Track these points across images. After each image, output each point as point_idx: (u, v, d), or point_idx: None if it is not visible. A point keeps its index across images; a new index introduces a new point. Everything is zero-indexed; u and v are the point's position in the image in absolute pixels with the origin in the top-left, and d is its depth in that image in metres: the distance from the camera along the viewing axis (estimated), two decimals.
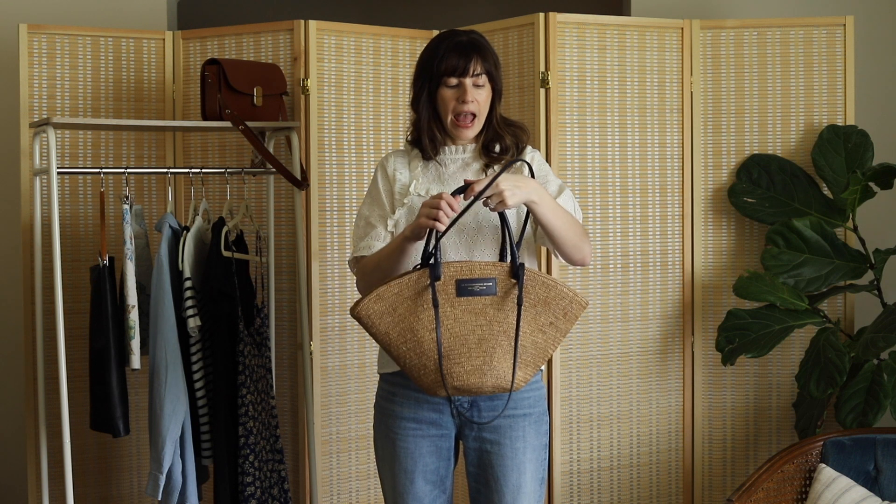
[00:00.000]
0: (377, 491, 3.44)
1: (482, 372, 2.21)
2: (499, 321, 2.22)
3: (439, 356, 2.20)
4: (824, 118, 3.48)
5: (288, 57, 3.36)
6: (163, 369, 2.97)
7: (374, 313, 2.22)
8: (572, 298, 2.27)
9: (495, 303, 2.22)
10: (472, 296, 2.22)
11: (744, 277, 3.29)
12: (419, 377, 2.25)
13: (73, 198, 3.41)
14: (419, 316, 2.21)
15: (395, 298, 2.22)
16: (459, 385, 2.22)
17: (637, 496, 3.48)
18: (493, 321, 2.22)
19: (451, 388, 2.23)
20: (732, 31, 3.49)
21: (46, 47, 3.38)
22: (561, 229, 2.30)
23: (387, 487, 2.45)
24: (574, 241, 2.33)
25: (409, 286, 2.22)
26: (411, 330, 2.22)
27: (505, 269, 2.24)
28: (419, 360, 2.22)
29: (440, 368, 2.21)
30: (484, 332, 2.22)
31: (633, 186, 3.44)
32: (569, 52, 3.36)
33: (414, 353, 2.22)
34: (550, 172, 2.47)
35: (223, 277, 3.06)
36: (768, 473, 2.92)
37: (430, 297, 2.21)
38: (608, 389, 3.43)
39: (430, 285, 2.21)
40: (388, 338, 2.23)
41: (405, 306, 2.22)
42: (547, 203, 2.27)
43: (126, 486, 3.46)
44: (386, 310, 2.22)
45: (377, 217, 2.44)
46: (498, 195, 2.19)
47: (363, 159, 3.42)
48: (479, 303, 2.22)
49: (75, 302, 3.34)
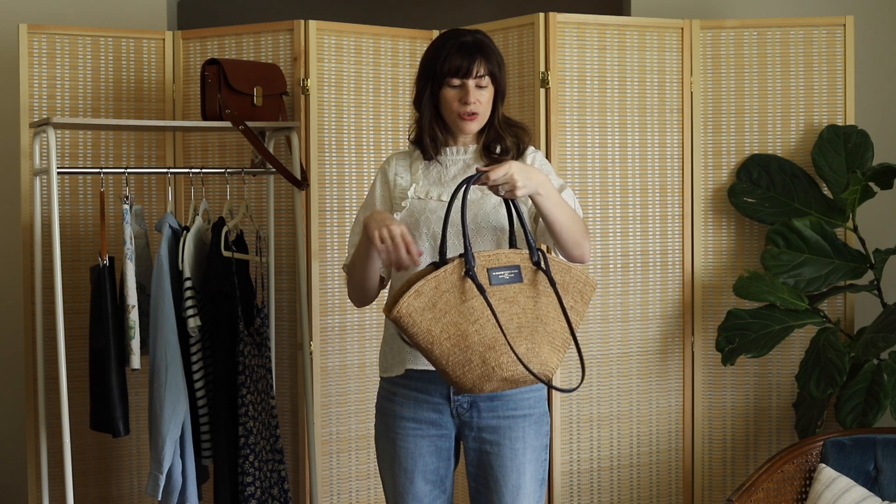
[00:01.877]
0: (377, 491, 3.44)
1: (528, 359, 2.13)
2: (532, 308, 2.17)
3: (506, 337, 2.10)
4: (824, 118, 3.48)
5: (288, 57, 3.36)
6: (163, 369, 2.97)
7: (414, 310, 2.10)
8: (586, 281, 2.26)
9: (524, 290, 2.18)
10: (503, 284, 2.16)
11: (744, 277, 3.29)
12: (462, 375, 2.13)
13: (73, 198, 3.41)
14: (460, 309, 2.12)
15: (434, 293, 2.11)
16: (508, 376, 2.13)
17: (637, 496, 3.48)
18: (527, 308, 2.16)
19: (498, 381, 2.14)
20: (732, 31, 3.49)
21: (46, 47, 3.38)
22: (563, 224, 2.29)
23: (387, 487, 2.46)
24: (576, 237, 2.32)
25: (446, 279, 2.12)
26: (454, 324, 2.11)
27: (525, 255, 2.21)
28: (464, 356, 2.11)
29: (511, 347, 2.10)
30: (521, 319, 2.15)
31: (633, 186, 3.44)
32: (569, 52, 3.36)
33: (458, 348, 2.11)
34: (552, 172, 2.47)
35: (223, 277, 3.05)
36: (768, 473, 2.92)
37: (470, 288, 2.13)
38: (608, 389, 3.44)
39: (470, 275, 2.13)
40: (431, 335, 2.11)
41: (444, 300, 2.11)
42: (552, 197, 2.26)
43: (126, 486, 3.46)
44: (426, 305, 2.10)
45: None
46: (510, 183, 2.18)
47: (363, 159, 3.42)
48: (511, 290, 2.16)
49: (75, 302, 3.34)
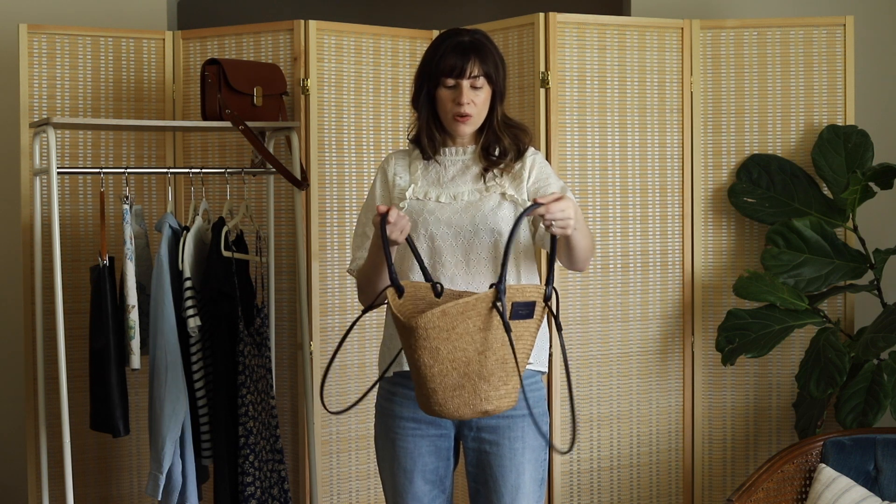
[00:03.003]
0: (377, 491, 3.44)
1: (510, 396, 2.16)
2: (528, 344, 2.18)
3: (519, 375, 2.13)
4: (824, 118, 3.48)
5: (288, 57, 3.36)
6: (163, 369, 2.97)
7: (433, 327, 2.10)
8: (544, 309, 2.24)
9: (530, 327, 2.17)
10: (518, 319, 2.15)
11: (744, 277, 3.29)
12: (448, 398, 2.14)
13: (73, 198, 3.41)
14: (475, 336, 2.11)
15: (458, 318, 2.11)
16: (491, 409, 2.15)
17: (637, 496, 3.48)
18: (527, 345, 2.17)
19: (480, 411, 2.15)
20: (732, 31, 3.49)
21: (46, 47, 3.38)
22: (583, 248, 2.32)
23: (387, 487, 2.46)
24: (588, 255, 2.36)
25: (475, 307, 2.12)
26: (462, 349, 2.11)
27: (542, 292, 2.18)
28: (458, 381, 2.13)
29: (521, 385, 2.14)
30: (520, 356, 2.15)
31: (633, 186, 3.44)
32: (569, 52, 3.36)
33: (457, 373, 2.12)
34: (552, 175, 2.46)
35: (223, 277, 3.06)
36: (768, 473, 2.92)
37: (493, 319, 2.12)
38: (608, 389, 3.43)
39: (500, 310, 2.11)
40: (438, 354, 2.11)
41: (463, 326, 2.11)
42: (583, 228, 2.28)
43: (126, 486, 3.46)
44: (445, 326, 2.11)
45: (371, 225, 2.44)
46: (565, 221, 2.17)
47: (363, 159, 3.42)
48: (521, 327, 2.15)
49: (75, 302, 3.34)
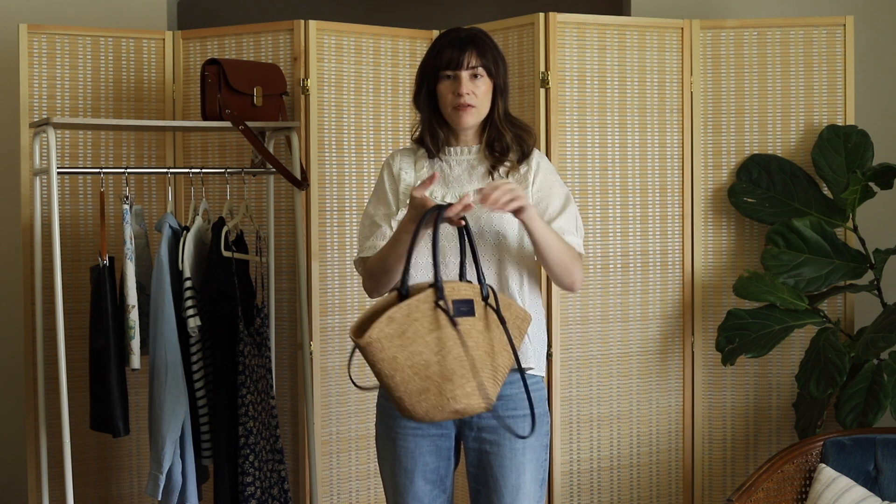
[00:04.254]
0: (377, 491, 3.44)
1: (476, 394, 2.16)
2: (483, 342, 2.19)
3: (477, 369, 2.14)
4: (824, 118, 3.48)
5: (288, 57, 3.36)
6: (163, 369, 2.97)
7: (385, 336, 2.12)
8: (524, 316, 2.27)
9: (476, 324, 2.19)
10: (461, 316, 2.17)
11: (744, 277, 3.29)
12: (416, 403, 2.16)
13: (73, 198, 3.41)
14: (427, 338, 2.14)
15: (405, 320, 2.14)
16: (461, 408, 2.16)
17: (637, 496, 3.48)
18: (479, 342, 2.18)
19: (450, 412, 2.16)
20: (732, 31, 3.49)
21: (46, 47, 3.38)
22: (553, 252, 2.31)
23: (387, 487, 2.45)
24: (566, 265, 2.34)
25: (418, 308, 2.15)
26: (419, 353, 2.14)
27: (477, 290, 2.22)
28: (422, 385, 2.14)
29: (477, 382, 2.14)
30: (475, 353, 2.17)
31: (633, 186, 3.44)
32: (569, 52, 3.36)
33: (419, 377, 2.14)
34: (557, 182, 2.46)
35: (223, 277, 3.05)
36: (768, 473, 2.92)
37: (440, 318, 2.15)
38: (608, 389, 3.43)
39: (442, 306, 2.15)
40: (396, 362, 2.13)
41: (413, 329, 2.14)
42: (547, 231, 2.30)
43: (126, 486, 3.46)
44: (396, 332, 2.13)
45: (382, 216, 2.43)
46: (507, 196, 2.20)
47: (363, 159, 3.42)
48: (467, 323, 2.18)
49: (75, 302, 3.34)
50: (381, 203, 2.46)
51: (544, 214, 2.38)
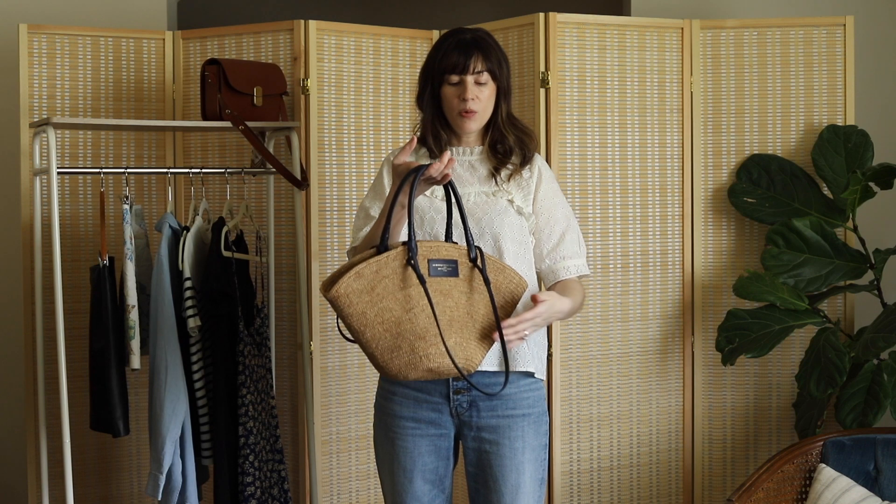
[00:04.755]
0: (377, 491, 3.44)
1: (455, 353, 2.16)
2: (465, 303, 2.19)
3: (439, 329, 2.13)
4: (824, 118, 3.48)
5: (288, 57, 3.36)
6: (163, 369, 2.97)
7: (352, 291, 2.12)
8: (518, 282, 2.27)
9: (459, 285, 2.19)
10: (439, 276, 2.18)
11: (744, 277, 3.29)
12: (388, 361, 2.16)
13: (73, 198, 3.41)
14: (397, 295, 2.15)
15: (374, 277, 2.14)
16: (434, 367, 2.15)
17: (637, 496, 3.48)
18: (459, 303, 2.19)
19: (423, 370, 2.16)
20: (732, 31, 3.49)
21: (46, 47, 3.38)
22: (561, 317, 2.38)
23: (386, 487, 2.45)
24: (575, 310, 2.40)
25: (388, 264, 2.15)
26: (389, 309, 2.14)
27: (463, 251, 2.22)
28: (394, 342, 2.14)
29: (442, 341, 2.13)
30: (454, 313, 2.18)
31: (633, 186, 3.44)
32: (569, 52, 3.36)
33: (389, 333, 2.14)
34: (559, 199, 2.46)
35: (223, 277, 3.06)
36: (768, 473, 2.92)
37: (410, 276, 2.15)
38: (608, 389, 3.43)
39: (411, 263, 2.15)
40: (365, 318, 2.13)
41: (383, 285, 2.14)
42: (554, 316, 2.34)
43: (126, 486, 3.46)
44: (364, 288, 2.13)
45: (377, 210, 2.44)
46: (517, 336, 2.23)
47: (363, 159, 3.43)
48: (447, 284, 2.18)
49: (75, 302, 3.34)
50: (377, 197, 2.46)
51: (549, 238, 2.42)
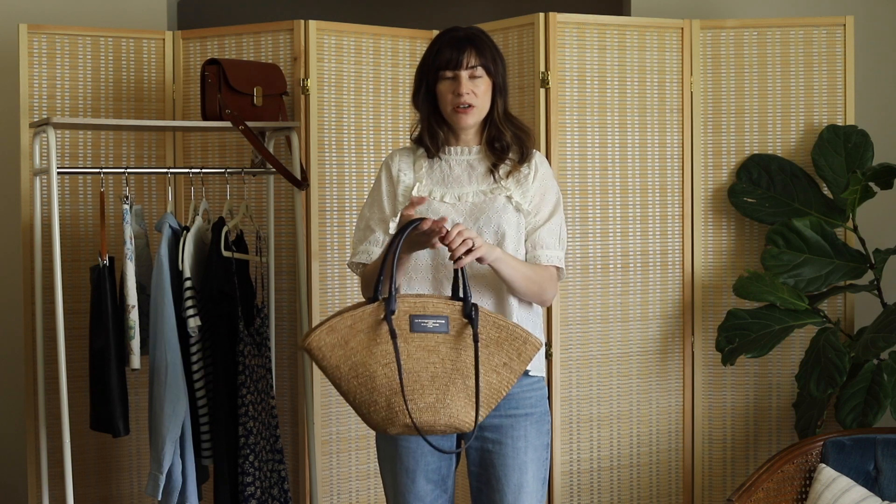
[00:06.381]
0: (377, 491, 3.44)
1: (435, 410, 2.15)
2: (452, 359, 2.17)
3: (401, 387, 2.12)
4: (824, 118, 3.48)
5: (288, 57, 3.36)
6: (163, 369, 2.97)
7: (325, 345, 2.14)
8: (525, 339, 2.24)
9: (448, 341, 2.18)
10: (425, 332, 2.17)
11: (744, 277, 3.29)
12: (368, 414, 2.17)
13: (73, 198, 3.41)
14: (372, 350, 2.15)
15: (348, 331, 2.15)
16: (409, 423, 2.15)
17: (637, 496, 3.48)
18: (446, 359, 2.17)
19: (401, 426, 2.16)
20: (732, 31, 3.49)
21: (46, 47, 3.38)
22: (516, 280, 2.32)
23: (388, 486, 2.45)
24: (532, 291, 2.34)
25: (364, 319, 2.16)
26: (363, 364, 2.14)
27: (458, 307, 2.21)
28: (370, 396, 2.15)
29: (404, 401, 2.12)
30: (437, 369, 2.16)
31: (633, 186, 3.44)
32: (569, 52, 3.36)
33: (365, 388, 2.15)
34: (551, 189, 2.45)
35: (223, 277, 3.06)
36: (768, 473, 2.92)
37: (385, 331, 2.15)
38: (608, 389, 3.44)
39: (387, 319, 2.15)
40: (339, 371, 2.15)
41: (357, 339, 2.15)
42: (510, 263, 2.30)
43: (126, 486, 3.46)
44: (338, 342, 2.14)
45: (377, 221, 2.43)
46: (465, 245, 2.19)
47: (363, 159, 3.43)
48: (433, 340, 2.17)
49: (75, 302, 3.34)
50: (375, 205, 2.46)
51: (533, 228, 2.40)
